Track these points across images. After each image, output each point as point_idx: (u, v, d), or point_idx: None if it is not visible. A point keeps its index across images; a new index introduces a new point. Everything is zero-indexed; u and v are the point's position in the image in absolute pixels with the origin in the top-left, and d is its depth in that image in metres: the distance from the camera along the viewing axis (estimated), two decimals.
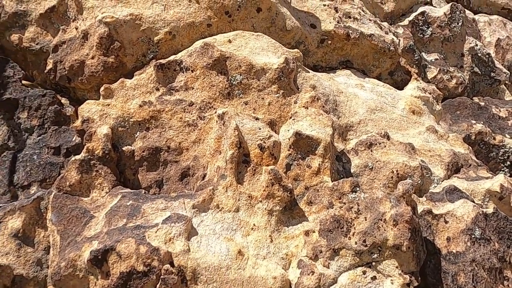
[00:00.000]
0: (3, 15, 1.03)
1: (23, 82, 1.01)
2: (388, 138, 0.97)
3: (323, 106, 0.95)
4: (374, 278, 0.77)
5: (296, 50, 1.03)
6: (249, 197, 0.81)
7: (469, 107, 1.43)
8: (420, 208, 0.86)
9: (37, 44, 1.04)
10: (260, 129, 0.86)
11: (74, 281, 0.73)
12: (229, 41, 0.98)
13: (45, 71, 1.02)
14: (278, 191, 0.80)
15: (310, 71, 1.06)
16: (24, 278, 0.77)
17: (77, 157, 0.85)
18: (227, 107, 0.91)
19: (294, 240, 0.80)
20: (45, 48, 1.04)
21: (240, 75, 0.93)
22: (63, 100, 1.02)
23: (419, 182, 0.87)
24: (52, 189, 0.84)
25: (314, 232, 0.80)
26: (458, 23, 1.50)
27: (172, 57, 0.96)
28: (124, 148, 0.89)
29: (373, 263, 0.78)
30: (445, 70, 1.44)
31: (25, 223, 0.81)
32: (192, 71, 0.94)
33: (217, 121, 0.88)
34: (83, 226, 0.79)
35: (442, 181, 0.97)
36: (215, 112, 0.91)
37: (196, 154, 0.90)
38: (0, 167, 0.89)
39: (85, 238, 0.76)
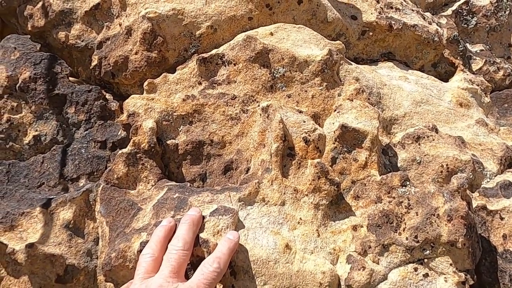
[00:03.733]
0: (51, 14, 1.06)
1: (70, 78, 1.04)
2: (437, 131, 0.93)
3: (368, 99, 0.92)
4: (426, 275, 0.74)
5: (338, 42, 1.01)
6: (294, 190, 0.80)
7: None
8: (473, 204, 0.83)
9: (82, 41, 1.07)
10: (304, 122, 0.85)
11: (124, 272, 0.74)
12: (271, 34, 0.97)
13: (90, 67, 1.04)
14: (325, 184, 0.79)
15: (352, 63, 1.03)
16: (76, 268, 0.79)
17: (124, 150, 0.86)
18: (270, 100, 0.90)
19: (341, 235, 0.78)
20: (90, 45, 1.07)
21: (283, 67, 0.92)
22: (107, 96, 1.04)
23: (471, 177, 0.83)
24: (100, 182, 0.86)
25: (362, 227, 0.78)
26: (505, 12, 1.43)
27: (214, 51, 0.96)
28: (168, 142, 0.90)
29: (425, 260, 0.75)
30: (491, 62, 1.37)
31: (75, 214, 0.83)
32: (234, 64, 0.93)
33: (260, 114, 0.87)
34: (131, 218, 0.80)
35: (495, 176, 0.92)
36: (258, 105, 0.90)
37: (239, 148, 0.89)
38: (50, 160, 0.92)
39: (134, 229, 0.77)
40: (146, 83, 0.95)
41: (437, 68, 1.25)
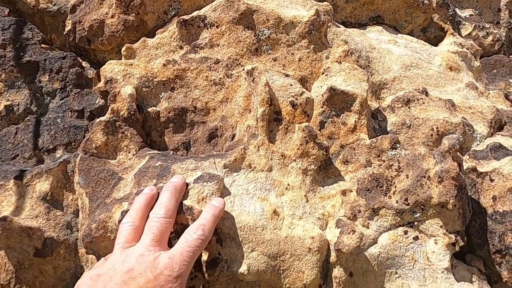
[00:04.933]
0: None
1: (42, 46, 0.97)
2: (427, 94, 0.91)
3: (357, 61, 0.89)
4: (416, 238, 0.73)
5: (325, 2, 0.96)
6: (282, 156, 0.77)
7: (507, 65, 1.34)
8: (463, 166, 0.81)
9: (54, 5, 1.00)
10: (291, 85, 0.81)
11: (106, 243, 0.71)
12: None
13: (64, 33, 0.98)
14: (313, 149, 0.76)
15: (340, 26, 0.99)
16: (55, 241, 0.76)
17: (102, 118, 0.82)
18: (255, 64, 0.86)
19: (330, 200, 0.76)
20: (62, 9, 1.00)
21: (268, 29, 0.87)
22: (84, 64, 0.98)
23: (461, 139, 0.81)
24: (78, 152, 0.81)
25: (351, 191, 0.76)
26: None
27: (195, 13, 0.91)
28: (149, 109, 0.86)
29: (415, 223, 0.74)
30: (481, 27, 1.34)
31: (52, 186, 0.79)
32: (217, 26, 0.88)
33: (245, 78, 0.83)
34: (111, 188, 0.76)
35: (485, 138, 0.91)
36: (243, 69, 0.86)
37: (224, 114, 0.86)
38: (24, 131, 0.87)
39: (115, 199, 0.74)
40: (124, 48, 0.90)
41: (427, 33, 1.22)
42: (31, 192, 0.78)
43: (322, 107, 0.81)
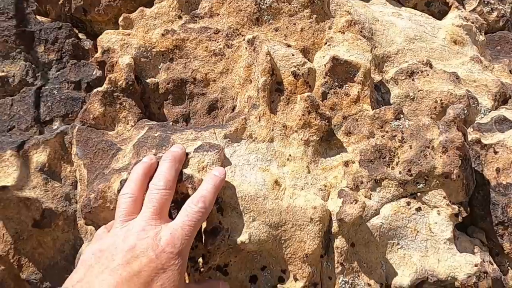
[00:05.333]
0: None
1: (38, 17, 0.95)
2: (431, 66, 0.89)
3: (361, 31, 0.86)
4: (419, 209, 0.73)
5: None
6: (283, 126, 0.75)
7: (511, 42, 1.32)
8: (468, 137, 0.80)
9: None
10: (293, 55, 0.79)
11: (105, 213, 0.70)
12: None
13: (59, 3, 0.95)
14: (315, 119, 0.75)
15: None
16: (53, 212, 0.75)
17: (100, 89, 0.80)
18: (256, 33, 0.83)
19: (332, 171, 0.75)
20: None
21: None
22: (80, 35, 0.96)
23: (466, 111, 0.80)
24: (76, 123, 0.80)
25: (354, 162, 0.75)
26: None
27: None
28: (147, 80, 0.84)
29: (418, 194, 0.73)
30: (485, 2, 1.32)
31: (50, 157, 0.78)
32: None
33: (246, 48, 0.81)
34: (110, 159, 0.75)
35: (490, 111, 0.89)
36: (244, 39, 0.84)
37: (224, 85, 0.84)
38: (20, 103, 0.85)
39: (113, 170, 0.72)
40: (121, 18, 0.87)
41: (431, 7, 1.19)
42: (28, 163, 0.76)
43: (324, 78, 0.79)
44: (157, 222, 0.59)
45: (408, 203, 0.72)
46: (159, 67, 0.85)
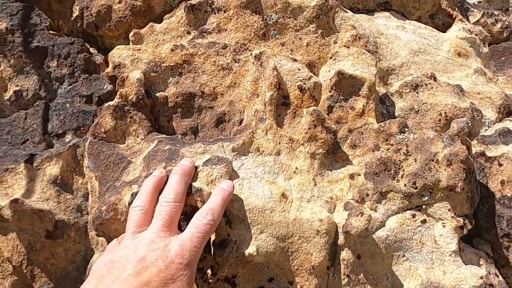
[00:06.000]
0: None
1: (50, 32, 0.98)
2: (435, 79, 0.91)
3: (365, 46, 0.88)
4: (424, 221, 0.74)
5: None
6: (290, 140, 0.77)
7: None
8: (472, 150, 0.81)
9: None
10: (299, 69, 0.81)
11: (116, 225, 0.71)
12: None
13: (72, 19, 0.98)
14: (321, 133, 0.76)
15: (348, 11, 0.98)
16: (66, 224, 0.77)
17: (111, 103, 0.82)
18: (263, 48, 0.85)
19: (338, 183, 0.76)
20: None
21: (276, 14, 0.87)
22: (92, 50, 0.99)
23: (470, 123, 0.81)
24: (87, 136, 0.82)
25: (359, 175, 0.76)
26: None
27: None
28: (157, 94, 0.86)
29: (423, 206, 0.74)
30: (489, 14, 1.33)
31: (62, 170, 0.80)
32: (224, 11, 0.88)
33: (253, 63, 0.83)
34: (121, 172, 0.77)
35: (494, 124, 0.90)
36: (251, 54, 0.86)
37: (231, 99, 0.86)
38: (33, 116, 0.88)
39: (124, 182, 0.74)
40: (132, 33, 0.90)
41: (435, 20, 1.21)
42: (41, 175, 0.78)
43: (330, 92, 0.81)
44: (167, 234, 0.61)
45: (413, 216, 0.73)
46: (168, 81, 0.87)
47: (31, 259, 0.77)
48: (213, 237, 0.67)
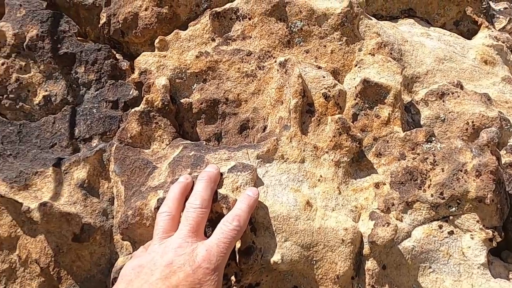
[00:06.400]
0: None
1: (78, 38, 1.00)
2: (462, 87, 0.89)
3: (391, 53, 0.88)
4: (451, 233, 0.72)
5: None
6: (314, 147, 0.77)
7: None
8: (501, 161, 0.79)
9: None
10: (324, 77, 0.81)
11: (141, 230, 0.72)
12: None
13: (99, 26, 1.00)
14: (346, 141, 0.76)
15: (372, 18, 0.98)
16: (92, 227, 0.78)
17: (137, 108, 0.83)
18: (288, 56, 0.86)
19: (363, 192, 0.76)
20: (97, 2, 1.02)
21: (301, 21, 0.87)
22: (117, 56, 1.01)
23: (499, 135, 0.80)
24: (114, 141, 0.83)
25: (384, 184, 0.76)
26: None
27: (227, 5, 0.91)
28: (182, 100, 0.87)
29: (451, 217, 0.73)
30: None
31: (89, 174, 0.81)
32: (249, 18, 0.89)
33: (278, 70, 0.83)
34: (146, 177, 0.78)
35: None
36: (275, 61, 0.86)
37: (255, 106, 0.86)
38: (61, 121, 0.90)
39: (150, 187, 0.75)
40: (157, 40, 0.91)
41: (459, 26, 1.19)
42: (69, 179, 0.80)
43: (355, 99, 0.80)
44: (193, 240, 0.61)
45: (440, 226, 0.72)
46: (193, 88, 0.88)
47: (58, 261, 0.78)
48: (238, 244, 0.67)
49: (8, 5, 0.96)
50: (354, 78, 0.82)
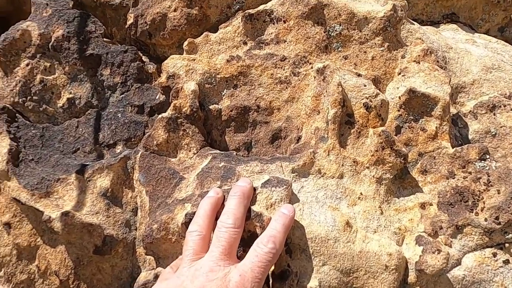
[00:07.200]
0: None
1: (104, 39, 0.96)
2: None
3: (437, 61, 0.81)
4: (507, 262, 0.65)
5: None
6: (354, 162, 0.71)
7: None
8: None
9: None
10: (365, 86, 0.75)
11: (166, 245, 0.68)
12: None
13: (126, 27, 0.97)
14: (390, 156, 0.69)
15: (414, 23, 0.91)
16: (114, 239, 0.74)
17: (164, 115, 0.79)
18: (324, 62, 0.80)
19: (407, 213, 0.69)
20: (125, 3, 0.98)
21: (340, 25, 0.81)
22: (143, 58, 0.97)
23: None
24: (139, 149, 0.79)
25: (431, 205, 0.69)
26: None
27: (261, 7, 0.86)
28: (211, 107, 0.82)
29: (506, 245, 0.66)
30: None
31: (113, 182, 0.77)
32: (284, 21, 0.83)
33: (315, 77, 0.78)
34: (173, 188, 0.73)
35: None
36: (311, 68, 0.80)
37: (288, 115, 0.81)
38: (85, 125, 0.86)
39: (177, 200, 0.71)
40: (186, 42, 0.87)
41: (504, 33, 1.11)
42: (92, 187, 0.76)
43: (398, 111, 0.74)
44: (226, 263, 0.56)
45: (494, 254, 0.65)
46: (223, 94, 0.83)
47: (78, 273, 0.74)
48: (272, 268, 0.61)
49: (35, 4, 0.93)
50: (398, 88, 0.76)
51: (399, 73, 0.79)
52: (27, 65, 0.88)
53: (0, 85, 0.87)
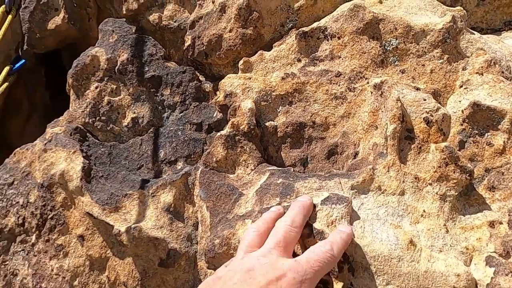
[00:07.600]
0: None
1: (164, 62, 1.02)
2: None
3: (502, 72, 0.78)
4: None
5: (459, 7, 0.87)
6: (415, 178, 0.69)
7: None
8: None
9: (175, 21, 1.05)
10: (425, 100, 0.73)
11: (227, 260, 0.69)
12: (380, 2, 0.86)
13: (183, 48, 1.02)
14: (454, 172, 0.67)
15: (475, 32, 0.88)
16: (178, 252, 0.77)
17: (223, 132, 0.82)
18: (381, 77, 0.79)
19: (474, 231, 0.66)
20: (182, 25, 1.04)
21: (396, 39, 0.81)
22: (200, 77, 1.01)
23: None
24: (199, 165, 0.83)
25: (501, 223, 0.66)
26: None
27: (315, 24, 0.88)
28: (267, 124, 0.84)
29: None
30: None
31: (175, 198, 0.81)
32: (338, 38, 0.84)
33: (372, 92, 0.77)
34: (232, 204, 0.75)
35: None
36: (367, 83, 0.80)
37: (345, 130, 0.81)
38: (148, 142, 0.91)
39: (237, 216, 0.73)
40: (241, 61, 0.90)
41: None
42: (156, 202, 0.80)
43: (461, 125, 0.72)
44: (280, 254, 0.56)
45: None
46: (278, 111, 0.85)
47: (144, 284, 0.78)
48: (336, 285, 0.61)
49: (102, 31, 1.01)
50: (460, 101, 0.74)
51: (461, 86, 0.77)
52: (96, 88, 0.95)
53: (73, 107, 0.95)
